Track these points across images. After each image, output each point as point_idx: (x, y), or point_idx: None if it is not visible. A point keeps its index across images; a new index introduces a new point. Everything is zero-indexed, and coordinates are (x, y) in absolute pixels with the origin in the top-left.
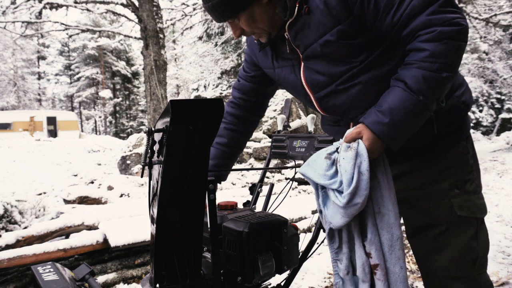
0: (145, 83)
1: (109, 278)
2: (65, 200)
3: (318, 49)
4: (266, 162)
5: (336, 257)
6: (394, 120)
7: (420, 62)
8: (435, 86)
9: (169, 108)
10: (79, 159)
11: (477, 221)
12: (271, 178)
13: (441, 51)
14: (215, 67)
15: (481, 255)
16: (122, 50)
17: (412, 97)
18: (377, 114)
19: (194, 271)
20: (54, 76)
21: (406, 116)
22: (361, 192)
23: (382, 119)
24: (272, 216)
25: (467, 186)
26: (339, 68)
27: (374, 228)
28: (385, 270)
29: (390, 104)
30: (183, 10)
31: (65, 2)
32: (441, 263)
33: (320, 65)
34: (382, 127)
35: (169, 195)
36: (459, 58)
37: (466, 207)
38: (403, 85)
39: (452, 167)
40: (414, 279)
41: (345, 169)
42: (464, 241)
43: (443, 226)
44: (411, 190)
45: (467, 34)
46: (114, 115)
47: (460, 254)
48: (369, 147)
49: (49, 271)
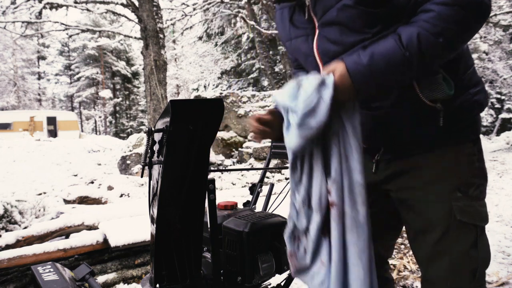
0: (145, 83)
1: (109, 278)
2: (65, 200)
3: (335, 13)
4: (266, 162)
5: (295, 188)
6: (371, 64)
7: (423, 22)
8: (426, 48)
9: (169, 108)
10: (79, 159)
11: (477, 228)
12: (271, 178)
13: (448, 16)
14: (215, 67)
15: (481, 266)
16: (122, 50)
17: (399, 50)
18: (358, 54)
19: (194, 271)
20: (54, 76)
21: (386, 65)
22: (318, 117)
23: (361, 60)
24: (272, 216)
25: (470, 190)
26: (351, 37)
27: (339, 169)
28: (342, 213)
29: (375, 49)
30: (183, 10)
31: (65, 2)
32: (440, 272)
33: (333, 34)
34: (357, 66)
35: (169, 195)
36: (464, 31)
37: (468, 212)
38: (397, 37)
39: (456, 167)
40: (414, 279)
41: (305, 90)
42: (463, 249)
43: (441, 230)
44: (411, 189)
45: (484, 13)
46: (114, 115)
47: (459, 263)
48: (338, 82)
49: (49, 271)
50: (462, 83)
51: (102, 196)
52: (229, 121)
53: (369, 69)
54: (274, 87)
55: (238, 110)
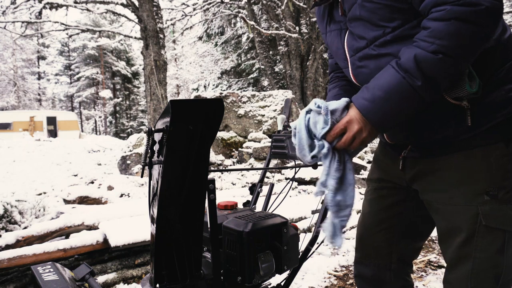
0: (145, 83)
1: (109, 278)
2: (65, 200)
3: (358, 9)
4: (266, 162)
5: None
6: (374, 95)
7: (420, 41)
8: (426, 67)
9: (169, 108)
10: (79, 159)
11: (505, 234)
12: (271, 178)
13: (443, 31)
14: (215, 67)
15: (506, 272)
16: (122, 50)
17: (397, 74)
18: (362, 89)
19: (194, 271)
20: (54, 76)
21: (386, 93)
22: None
23: (365, 94)
24: (272, 216)
25: (500, 194)
26: (374, 32)
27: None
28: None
29: (375, 79)
30: (183, 10)
31: (65, 2)
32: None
33: (359, 29)
34: (363, 101)
35: (169, 195)
36: (467, 41)
37: (496, 217)
38: (395, 62)
39: (485, 169)
40: (414, 279)
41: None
42: (488, 254)
43: (466, 234)
44: (436, 192)
45: (489, 16)
46: (114, 115)
47: (482, 268)
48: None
49: (49, 271)
50: (495, 78)
51: (102, 196)
52: (229, 121)
53: (373, 101)
54: (274, 87)
55: (238, 110)
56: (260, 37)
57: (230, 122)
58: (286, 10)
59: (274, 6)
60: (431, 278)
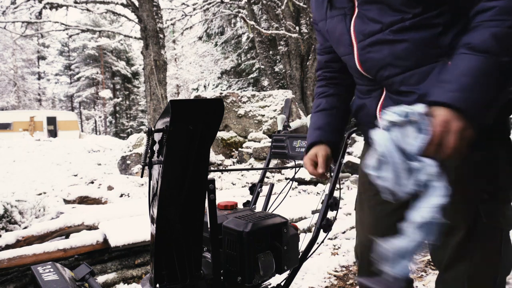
0: (145, 83)
1: (109, 278)
2: (65, 200)
3: None
4: (266, 162)
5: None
6: (461, 84)
7: (488, 22)
8: (509, 41)
9: (169, 108)
10: (79, 159)
11: (502, 233)
12: (271, 178)
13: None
14: (215, 67)
15: (503, 272)
16: (122, 50)
17: (478, 57)
18: (439, 87)
19: (194, 271)
20: (54, 76)
21: (474, 77)
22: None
23: (448, 87)
24: (272, 216)
25: (499, 194)
26: (391, 17)
27: None
28: None
29: (451, 70)
30: (183, 10)
31: (65, 2)
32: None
33: (373, 12)
34: (451, 94)
35: (169, 195)
36: None
37: (494, 215)
38: (465, 48)
39: (484, 169)
40: (414, 279)
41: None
42: (486, 254)
43: (464, 232)
44: None
45: None
46: (114, 115)
47: (480, 268)
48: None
49: (49, 271)
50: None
51: (102, 196)
52: (229, 121)
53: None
54: (274, 87)
55: (238, 110)
56: (260, 37)
57: (230, 122)
58: (286, 10)
59: (274, 6)
60: (431, 278)
